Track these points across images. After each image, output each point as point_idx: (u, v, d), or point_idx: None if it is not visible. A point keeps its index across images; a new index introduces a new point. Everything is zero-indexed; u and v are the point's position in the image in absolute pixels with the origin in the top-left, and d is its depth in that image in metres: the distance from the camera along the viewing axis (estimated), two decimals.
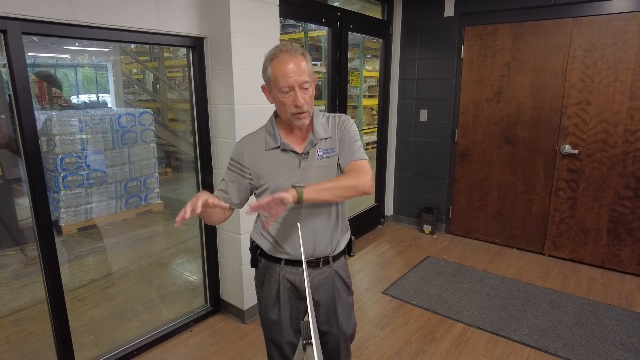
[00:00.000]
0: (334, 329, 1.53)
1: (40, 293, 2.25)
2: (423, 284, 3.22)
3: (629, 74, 3.12)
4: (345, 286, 1.54)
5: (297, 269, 1.44)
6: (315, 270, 1.45)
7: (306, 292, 0.88)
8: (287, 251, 1.43)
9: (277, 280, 1.46)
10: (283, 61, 1.26)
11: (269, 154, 1.38)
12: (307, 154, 1.37)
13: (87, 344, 2.40)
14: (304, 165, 1.37)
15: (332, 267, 1.48)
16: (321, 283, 1.47)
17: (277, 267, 1.46)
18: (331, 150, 1.40)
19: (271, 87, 1.32)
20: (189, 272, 3.31)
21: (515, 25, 3.56)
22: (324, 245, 1.43)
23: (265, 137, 1.41)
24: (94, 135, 3.86)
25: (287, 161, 1.37)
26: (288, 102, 1.29)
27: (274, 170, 1.37)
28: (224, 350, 2.42)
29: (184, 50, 2.50)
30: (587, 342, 2.48)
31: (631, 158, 3.21)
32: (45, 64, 5.57)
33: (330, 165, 1.40)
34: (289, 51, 1.28)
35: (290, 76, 1.25)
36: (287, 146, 1.37)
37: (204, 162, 2.62)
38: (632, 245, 3.30)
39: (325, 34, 3.54)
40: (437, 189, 4.26)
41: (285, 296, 1.47)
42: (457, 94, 3.98)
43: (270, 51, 1.32)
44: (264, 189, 1.40)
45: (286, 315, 1.49)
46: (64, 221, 3.75)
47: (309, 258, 1.43)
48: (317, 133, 1.38)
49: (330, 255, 1.46)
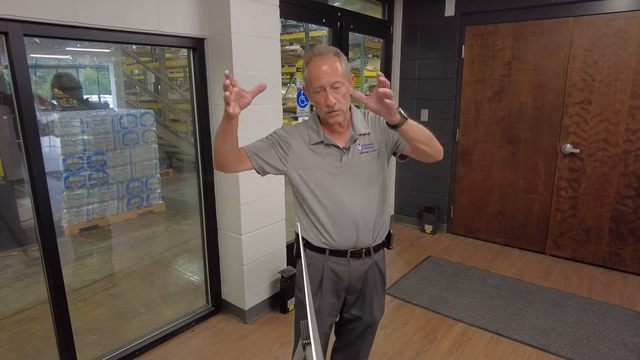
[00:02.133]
0: (367, 316, 1.60)
1: (43, 293, 2.26)
2: (424, 283, 3.22)
3: (630, 73, 3.12)
4: (382, 277, 1.61)
5: (340, 259, 1.50)
6: (357, 261, 1.51)
7: (305, 292, 0.89)
8: (330, 241, 1.47)
9: (321, 270, 1.51)
10: (316, 65, 1.35)
11: (312, 148, 1.45)
12: (348, 149, 1.44)
13: (89, 344, 2.41)
14: (345, 160, 1.44)
15: (373, 258, 1.54)
16: (362, 273, 1.53)
17: (322, 257, 1.50)
18: (369, 146, 1.47)
19: (309, 89, 1.41)
20: (190, 272, 3.32)
21: (516, 25, 3.56)
22: (366, 236, 1.48)
23: (308, 132, 1.47)
24: (96, 136, 3.88)
25: (329, 155, 1.44)
26: (321, 101, 1.37)
27: (318, 163, 1.44)
28: (225, 350, 2.43)
29: (185, 51, 2.51)
30: (588, 342, 2.47)
31: (633, 157, 3.20)
32: (49, 65, 5.59)
33: (370, 160, 1.47)
34: (321, 54, 1.36)
35: (321, 77, 1.34)
36: (330, 141, 1.44)
37: (205, 163, 2.63)
38: (634, 244, 3.30)
39: (326, 34, 3.54)
40: (439, 189, 4.25)
41: (328, 285, 1.52)
42: (458, 93, 3.98)
43: (306, 54, 1.42)
44: (308, 179, 1.45)
45: (326, 304, 1.53)
46: (66, 222, 3.76)
47: (352, 248, 1.48)
48: (357, 129, 1.46)
49: (371, 246, 1.52)
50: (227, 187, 2.59)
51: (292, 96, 4.25)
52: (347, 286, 1.53)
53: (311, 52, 1.39)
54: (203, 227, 2.73)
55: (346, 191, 1.44)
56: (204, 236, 2.74)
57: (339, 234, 1.46)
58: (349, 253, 1.48)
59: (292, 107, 4.04)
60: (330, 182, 1.44)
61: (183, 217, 4.51)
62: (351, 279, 1.51)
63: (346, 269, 1.50)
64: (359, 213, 1.45)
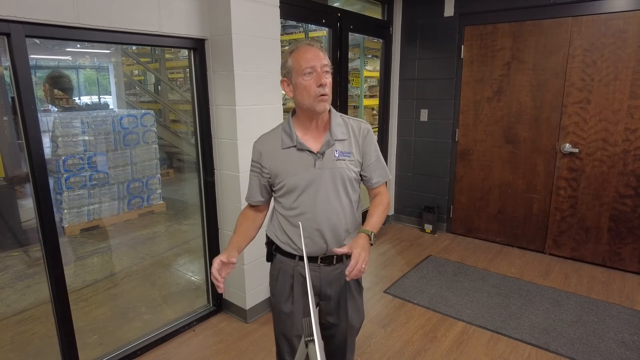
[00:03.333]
0: (343, 322, 1.58)
1: (44, 294, 2.27)
2: (424, 283, 3.23)
3: (629, 73, 3.13)
4: (357, 283, 1.59)
5: (311, 265, 1.48)
6: (328, 267, 1.49)
7: (308, 291, 0.90)
8: (299, 247, 1.46)
9: (291, 275, 1.50)
10: (304, 50, 1.35)
11: (285, 153, 1.42)
12: (322, 154, 1.40)
13: (90, 344, 2.42)
14: (319, 165, 1.40)
15: (345, 264, 1.51)
16: (334, 279, 1.51)
17: (292, 262, 1.50)
18: (347, 154, 1.43)
19: (292, 77, 1.37)
20: (191, 272, 3.33)
21: (515, 25, 3.57)
22: (337, 243, 1.46)
23: (281, 136, 1.44)
24: (96, 136, 3.88)
25: (302, 160, 1.40)
26: (310, 84, 1.33)
27: (290, 168, 1.41)
28: (226, 350, 2.44)
29: (186, 51, 2.52)
30: (588, 340, 2.48)
31: (631, 156, 3.22)
32: (49, 66, 5.59)
33: (345, 168, 1.43)
34: (309, 43, 1.37)
35: (312, 59, 1.32)
36: (303, 145, 1.40)
37: (205, 163, 2.63)
38: (633, 243, 3.31)
39: (326, 34, 3.55)
40: (438, 189, 4.26)
41: (299, 290, 1.51)
42: (458, 93, 3.99)
43: (289, 47, 1.40)
44: (280, 186, 1.44)
45: (299, 309, 1.53)
46: (67, 222, 3.77)
47: (323, 255, 1.47)
48: (334, 134, 1.42)
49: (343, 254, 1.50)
50: (227, 186, 2.60)
51: None
52: (318, 292, 1.51)
53: (296, 43, 1.39)
54: (204, 227, 2.74)
55: (319, 197, 1.40)
56: (205, 236, 2.75)
57: (311, 240, 1.43)
58: (319, 259, 1.47)
59: (292, 108, 4.04)
60: (302, 187, 1.40)
61: (183, 217, 4.52)
62: (321, 284, 1.49)
63: (317, 274, 1.48)
64: (330, 219, 1.42)
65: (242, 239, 1.49)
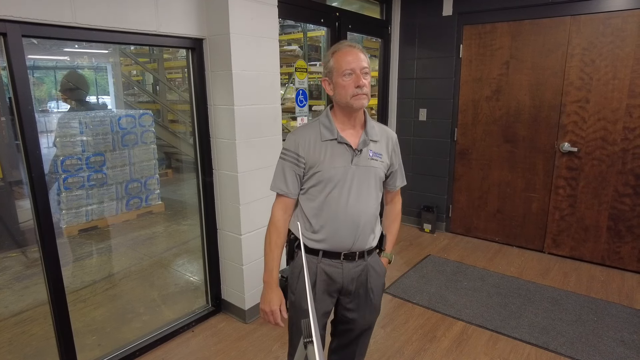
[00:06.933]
0: (362, 318, 1.61)
1: (42, 295, 2.25)
2: (424, 282, 3.22)
3: (628, 72, 3.13)
4: (379, 279, 1.60)
5: (334, 261, 1.50)
6: (351, 263, 1.51)
7: (307, 290, 0.89)
8: (325, 244, 1.48)
9: (314, 272, 1.51)
10: (345, 51, 1.41)
11: (324, 145, 1.46)
12: (360, 151, 1.46)
13: (89, 345, 2.41)
14: (356, 161, 1.45)
15: (367, 260, 1.54)
16: (356, 275, 1.53)
17: (315, 259, 1.51)
18: (379, 155, 1.50)
19: (332, 76, 1.43)
20: (190, 272, 3.32)
21: (513, 24, 3.57)
22: (363, 239, 1.49)
23: (320, 130, 1.47)
24: (95, 137, 3.87)
25: (341, 153, 1.45)
26: (349, 84, 1.39)
27: (328, 160, 1.44)
28: (225, 350, 2.43)
29: (184, 51, 2.51)
30: (587, 339, 2.48)
31: (630, 155, 3.22)
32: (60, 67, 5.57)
33: (378, 168, 1.49)
34: (350, 45, 1.43)
35: (352, 61, 1.39)
36: (343, 139, 1.45)
37: (204, 163, 2.63)
38: (632, 242, 3.31)
39: (324, 34, 3.54)
40: (437, 188, 4.26)
41: (321, 288, 1.52)
42: (456, 92, 3.99)
43: (333, 47, 1.46)
44: (315, 176, 1.45)
45: (319, 307, 1.54)
46: (65, 223, 3.76)
47: (347, 251, 1.49)
48: (370, 134, 1.49)
49: (365, 249, 1.52)
50: (226, 187, 2.59)
51: (290, 96, 4.25)
52: (340, 288, 1.54)
53: (339, 44, 1.44)
54: (203, 228, 2.73)
55: (352, 192, 1.45)
56: (204, 236, 2.74)
57: (338, 235, 1.46)
58: (342, 255, 1.49)
59: (290, 107, 4.05)
60: (337, 181, 1.44)
61: (182, 218, 4.51)
62: (344, 281, 1.51)
63: (339, 271, 1.50)
64: (360, 216, 1.46)
65: (277, 264, 1.52)
